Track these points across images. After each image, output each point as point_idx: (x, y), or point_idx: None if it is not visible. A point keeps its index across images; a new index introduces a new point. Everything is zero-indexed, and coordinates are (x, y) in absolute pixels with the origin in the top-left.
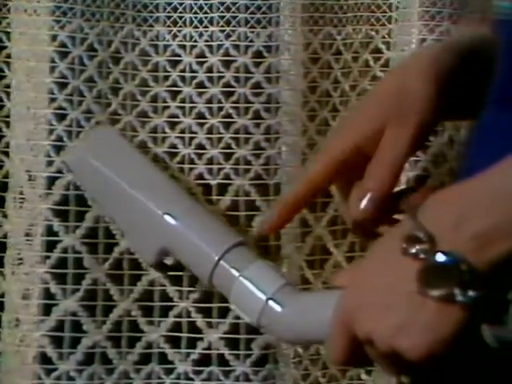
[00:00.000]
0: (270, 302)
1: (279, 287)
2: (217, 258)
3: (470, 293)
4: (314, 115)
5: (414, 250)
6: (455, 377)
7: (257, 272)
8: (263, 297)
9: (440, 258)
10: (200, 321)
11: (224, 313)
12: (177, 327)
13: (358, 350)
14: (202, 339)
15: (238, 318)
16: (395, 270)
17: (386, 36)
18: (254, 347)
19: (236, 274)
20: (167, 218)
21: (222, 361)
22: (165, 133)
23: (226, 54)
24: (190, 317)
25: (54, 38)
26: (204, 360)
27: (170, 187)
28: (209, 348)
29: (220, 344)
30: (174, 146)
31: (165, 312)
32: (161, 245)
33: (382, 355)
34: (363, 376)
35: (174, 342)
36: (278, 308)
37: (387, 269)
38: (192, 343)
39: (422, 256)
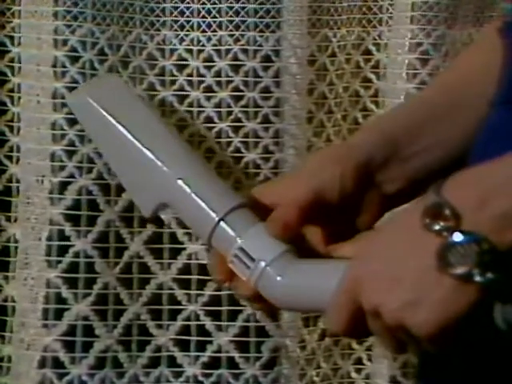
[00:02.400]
0: (268, 269)
1: (279, 254)
2: (217, 218)
3: (489, 274)
4: (311, 117)
5: (437, 227)
6: (461, 360)
7: (256, 236)
8: (262, 263)
9: (458, 237)
10: (209, 324)
11: (233, 316)
12: (186, 330)
13: (359, 321)
14: (211, 342)
15: (247, 320)
16: (414, 243)
17: (377, 38)
18: (264, 350)
19: (235, 236)
20: (172, 174)
21: (232, 363)
22: None
23: (235, 58)
24: (198, 320)
25: (64, 42)
26: (213, 363)
27: (174, 142)
28: (218, 351)
29: (230, 347)
30: None
31: (173, 315)
32: (161, 200)
33: (387, 329)
34: (353, 374)
35: (183, 346)
36: (276, 276)
37: (405, 242)
38: (201, 346)
39: (444, 233)
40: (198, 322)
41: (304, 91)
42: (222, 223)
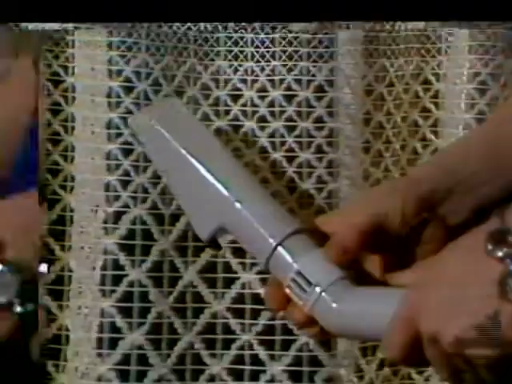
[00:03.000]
0: (324, 295)
1: (335, 280)
2: (275, 244)
3: None
4: (368, 147)
5: (500, 253)
6: None
7: (313, 262)
8: (318, 288)
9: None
10: (262, 353)
11: (287, 345)
12: (239, 360)
13: (416, 348)
14: (264, 372)
15: (300, 350)
16: (476, 270)
17: (436, 67)
18: (317, 380)
19: (292, 261)
20: (231, 198)
21: None
22: None
23: (288, 88)
24: (252, 349)
25: (119, 72)
26: None
27: (234, 166)
28: (272, 380)
29: (283, 376)
30: None
31: (227, 345)
32: (219, 223)
33: (445, 357)
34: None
35: (237, 375)
36: (331, 302)
37: (466, 268)
38: (255, 376)
39: (507, 260)
40: (252, 352)
41: (359, 121)
42: (279, 248)
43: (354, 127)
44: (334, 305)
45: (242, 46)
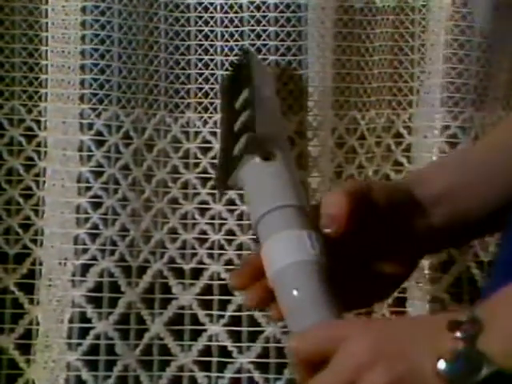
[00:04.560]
0: (289, 270)
1: (306, 260)
2: (267, 209)
3: None
4: None
5: (459, 334)
6: None
7: (288, 238)
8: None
9: (469, 353)
10: None
11: None
12: None
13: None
14: None
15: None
16: (429, 339)
17: (407, 120)
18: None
19: (270, 233)
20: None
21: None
22: (195, 219)
23: None
24: None
25: (90, 126)
26: None
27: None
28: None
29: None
30: (204, 232)
31: None
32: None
33: None
34: None
35: None
36: (291, 283)
37: (422, 333)
38: None
39: (460, 343)
40: None
41: (330, 174)
42: (267, 216)
43: (322, 180)
44: (293, 290)
45: (212, 98)
